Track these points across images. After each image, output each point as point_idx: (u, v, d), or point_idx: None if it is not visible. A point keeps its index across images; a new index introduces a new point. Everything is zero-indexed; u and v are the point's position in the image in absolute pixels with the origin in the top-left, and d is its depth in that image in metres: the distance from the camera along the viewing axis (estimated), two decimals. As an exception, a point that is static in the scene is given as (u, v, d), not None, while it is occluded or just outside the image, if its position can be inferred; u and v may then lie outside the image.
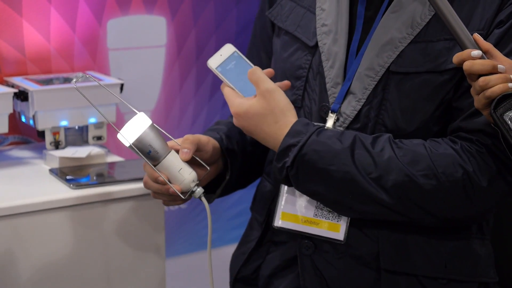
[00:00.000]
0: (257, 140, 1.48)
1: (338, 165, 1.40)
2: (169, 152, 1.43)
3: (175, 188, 1.43)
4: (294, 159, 1.41)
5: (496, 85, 1.26)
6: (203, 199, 1.45)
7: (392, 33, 1.44)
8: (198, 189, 1.45)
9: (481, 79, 1.27)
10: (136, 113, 1.43)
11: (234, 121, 1.46)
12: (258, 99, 1.43)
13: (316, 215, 1.48)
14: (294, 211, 1.50)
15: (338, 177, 1.40)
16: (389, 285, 1.47)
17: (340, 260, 1.48)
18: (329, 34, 1.49)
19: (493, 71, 1.27)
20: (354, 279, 1.48)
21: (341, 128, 1.46)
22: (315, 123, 1.48)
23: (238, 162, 1.59)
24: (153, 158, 1.42)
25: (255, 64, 1.66)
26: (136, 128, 1.41)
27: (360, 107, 1.45)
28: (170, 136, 1.48)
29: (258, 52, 1.66)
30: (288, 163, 1.42)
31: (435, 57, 1.41)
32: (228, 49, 1.48)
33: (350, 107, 1.46)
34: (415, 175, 1.39)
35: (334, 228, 1.47)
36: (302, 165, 1.41)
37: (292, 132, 1.42)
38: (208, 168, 1.50)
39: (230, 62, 1.46)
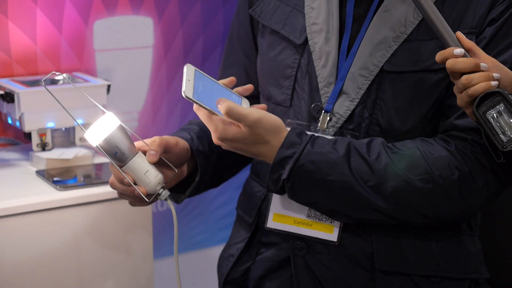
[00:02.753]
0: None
1: (335, 175, 1.39)
2: (136, 154, 1.41)
3: (140, 190, 1.41)
4: (291, 171, 1.40)
5: (478, 83, 1.26)
6: (169, 202, 1.43)
7: (385, 32, 1.43)
8: (164, 192, 1.43)
9: (464, 77, 1.27)
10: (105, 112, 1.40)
11: (217, 143, 1.41)
12: (246, 130, 1.37)
13: (309, 216, 1.48)
14: (287, 212, 1.49)
15: (336, 186, 1.39)
16: (383, 286, 1.47)
17: (334, 261, 1.48)
18: (320, 33, 1.48)
19: (476, 69, 1.27)
20: (348, 279, 1.48)
21: (334, 128, 1.46)
22: (305, 124, 1.47)
23: (210, 163, 1.58)
24: (120, 159, 1.40)
25: (232, 64, 1.64)
26: (104, 128, 1.39)
27: (353, 107, 1.45)
28: (138, 137, 1.46)
29: (236, 52, 1.64)
30: (285, 175, 1.40)
31: (429, 55, 1.41)
32: (190, 71, 1.39)
33: (344, 107, 1.45)
34: (413, 180, 1.38)
35: (328, 229, 1.47)
36: (299, 177, 1.40)
37: (287, 143, 1.40)
38: (176, 170, 1.48)
39: (199, 84, 1.39)
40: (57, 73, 1.44)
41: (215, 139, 1.40)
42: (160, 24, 2.14)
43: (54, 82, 1.90)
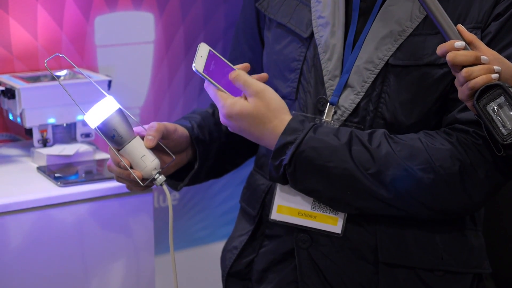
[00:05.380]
0: (248, 139, 1.46)
1: (336, 162, 1.40)
2: (133, 138, 1.43)
3: (135, 174, 1.43)
4: (292, 156, 1.41)
5: (479, 76, 1.26)
6: (165, 187, 1.46)
7: (391, 26, 1.44)
8: (160, 177, 1.45)
9: (464, 70, 1.27)
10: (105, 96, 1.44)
11: (224, 121, 1.43)
12: (251, 100, 1.41)
13: (313, 208, 1.48)
14: (291, 204, 1.49)
15: (336, 173, 1.40)
16: (386, 278, 1.47)
17: (337, 253, 1.48)
18: (326, 27, 1.49)
19: (476, 62, 1.26)
20: (352, 272, 1.49)
21: (339, 121, 1.46)
22: (310, 116, 1.47)
23: (210, 152, 1.59)
24: (117, 142, 1.43)
25: (237, 57, 1.65)
26: (102, 111, 1.42)
27: (358, 100, 1.46)
28: (137, 122, 1.48)
29: (241, 45, 1.66)
30: (286, 160, 1.41)
31: (434, 50, 1.40)
32: (204, 49, 1.43)
33: (349, 100, 1.46)
34: (413, 169, 1.39)
35: (332, 221, 1.47)
36: (300, 163, 1.41)
37: (289, 130, 1.41)
38: (174, 156, 1.50)
39: (211, 62, 1.43)
40: (60, 55, 1.46)
41: (222, 116, 1.42)
42: (161, 19, 2.14)
43: (54, 78, 1.90)
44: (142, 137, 1.46)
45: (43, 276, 1.63)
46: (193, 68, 1.40)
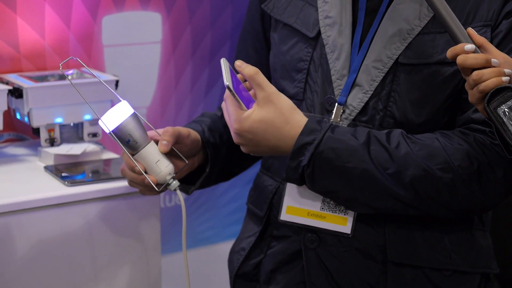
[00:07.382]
0: (263, 154, 1.45)
1: (355, 162, 1.40)
2: (148, 143, 1.43)
3: (150, 179, 1.43)
4: (311, 157, 1.40)
5: (489, 79, 1.25)
6: (179, 192, 1.46)
7: (400, 24, 1.44)
8: (174, 182, 1.45)
9: (475, 73, 1.26)
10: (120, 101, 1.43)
11: (238, 139, 1.42)
12: (264, 104, 1.39)
13: (322, 208, 1.48)
14: (300, 204, 1.49)
15: (355, 174, 1.40)
16: (395, 278, 1.47)
17: (345, 253, 1.49)
18: (333, 26, 1.49)
19: (487, 65, 1.26)
20: (360, 272, 1.49)
21: (348, 120, 1.46)
22: (318, 116, 1.47)
23: (220, 155, 1.59)
24: (132, 147, 1.43)
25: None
26: (117, 116, 1.41)
27: (367, 99, 1.46)
28: (151, 127, 1.48)
29: (246, 47, 1.66)
30: (305, 161, 1.40)
31: (444, 48, 1.41)
32: (226, 65, 1.40)
33: (357, 99, 1.46)
34: (433, 169, 1.39)
35: (341, 222, 1.47)
36: (319, 163, 1.40)
37: (307, 130, 1.40)
38: (187, 161, 1.50)
39: (232, 78, 1.40)
40: (74, 58, 1.46)
41: (234, 134, 1.41)
42: (169, 19, 2.14)
43: (62, 77, 1.90)
44: (156, 142, 1.46)
45: (50, 275, 1.64)
46: (226, 85, 1.36)
